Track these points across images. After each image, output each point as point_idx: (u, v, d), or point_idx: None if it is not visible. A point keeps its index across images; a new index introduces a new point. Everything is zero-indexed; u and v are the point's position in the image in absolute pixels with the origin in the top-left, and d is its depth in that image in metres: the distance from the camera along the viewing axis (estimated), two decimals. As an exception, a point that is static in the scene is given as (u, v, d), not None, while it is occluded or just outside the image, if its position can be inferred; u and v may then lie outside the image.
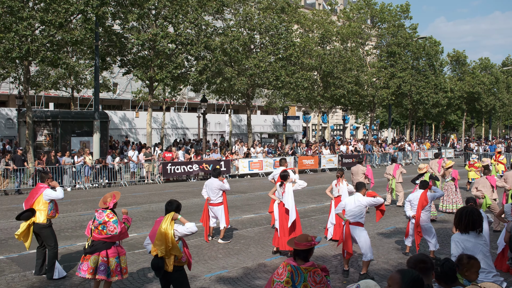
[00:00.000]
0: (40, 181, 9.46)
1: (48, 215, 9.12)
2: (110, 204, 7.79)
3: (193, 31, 27.47)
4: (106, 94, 39.33)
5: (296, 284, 5.07)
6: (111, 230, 7.59)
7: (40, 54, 21.51)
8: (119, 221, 7.74)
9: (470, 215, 5.96)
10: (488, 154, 35.65)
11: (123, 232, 7.76)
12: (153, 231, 6.80)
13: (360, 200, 9.37)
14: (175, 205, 6.95)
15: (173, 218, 6.77)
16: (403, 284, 3.45)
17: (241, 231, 13.33)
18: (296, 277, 5.10)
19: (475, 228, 5.95)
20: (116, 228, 7.61)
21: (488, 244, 6.15)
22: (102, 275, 7.61)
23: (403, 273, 3.54)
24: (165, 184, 24.66)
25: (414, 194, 10.67)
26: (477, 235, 5.96)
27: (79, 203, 18.09)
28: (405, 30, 44.58)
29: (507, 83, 62.46)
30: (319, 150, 33.73)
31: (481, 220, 6.03)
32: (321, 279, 5.14)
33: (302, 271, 5.11)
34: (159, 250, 6.61)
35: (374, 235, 12.68)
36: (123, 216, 8.04)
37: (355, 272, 9.58)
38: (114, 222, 7.65)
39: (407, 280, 3.48)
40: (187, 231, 6.70)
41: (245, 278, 9.22)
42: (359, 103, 42.56)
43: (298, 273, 5.12)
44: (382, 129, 73.51)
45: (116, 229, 7.61)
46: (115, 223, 7.63)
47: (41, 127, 26.52)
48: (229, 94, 34.88)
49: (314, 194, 20.63)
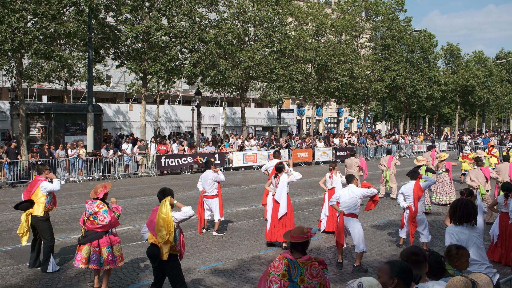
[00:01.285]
0: (37, 173, 9.52)
1: (46, 207, 9.13)
2: (100, 194, 7.91)
3: (187, 23, 27.35)
4: (99, 87, 39.15)
5: (293, 277, 5.05)
6: (101, 220, 7.78)
7: (33, 47, 21.37)
8: (109, 211, 7.89)
9: (464, 207, 5.98)
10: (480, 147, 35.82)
11: (113, 221, 7.94)
12: (151, 219, 6.79)
13: (355, 191, 9.40)
14: (167, 191, 6.89)
15: (170, 203, 6.72)
16: (392, 273, 3.49)
17: (235, 224, 13.36)
18: (293, 271, 5.08)
19: (470, 220, 5.97)
20: (106, 217, 7.78)
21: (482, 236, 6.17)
22: (94, 265, 7.81)
23: (392, 263, 3.59)
24: (159, 177, 24.63)
25: (407, 186, 10.69)
26: (471, 227, 5.99)
27: (73, 196, 18.05)
28: (400, 23, 44.57)
29: (501, 76, 62.67)
30: (313, 143, 33.77)
31: (475, 212, 6.06)
32: (318, 273, 5.12)
33: (299, 264, 5.09)
34: (160, 235, 6.56)
35: (368, 227, 12.74)
36: (112, 205, 8.14)
37: (349, 264, 9.63)
38: (104, 212, 7.82)
39: (396, 269, 3.51)
40: (184, 216, 6.69)
41: (240, 270, 9.25)
42: (353, 96, 42.58)
43: (294, 267, 5.10)
44: (376, 122, 73.66)
45: (106, 219, 7.79)
46: (105, 213, 7.81)
47: (35, 120, 26.42)
48: (223, 87, 34.82)
49: (308, 187, 20.68)
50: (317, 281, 5.07)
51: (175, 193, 18.48)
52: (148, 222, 6.85)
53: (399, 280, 3.50)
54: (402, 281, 3.52)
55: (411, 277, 3.59)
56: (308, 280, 5.04)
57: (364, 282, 3.62)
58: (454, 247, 5.07)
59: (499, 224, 9.88)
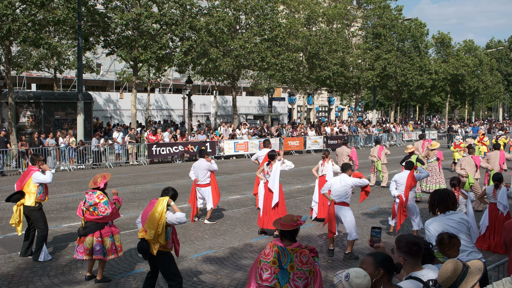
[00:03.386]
0: (31, 164, 9.45)
1: (37, 198, 9.09)
2: (100, 184, 7.85)
3: (177, 11, 27.15)
4: (89, 75, 38.88)
5: (283, 264, 5.09)
6: (102, 211, 7.74)
7: (21, 34, 21.13)
8: (109, 202, 7.84)
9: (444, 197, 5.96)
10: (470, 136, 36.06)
11: (114, 213, 7.91)
12: (146, 210, 6.74)
13: (346, 180, 9.43)
14: (171, 193, 6.85)
15: (167, 204, 6.67)
16: (376, 264, 3.53)
17: (227, 212, 13.39)
18: (283, 258, 5.12)
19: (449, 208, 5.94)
20: (107, 209, 7.73)
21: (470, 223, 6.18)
22: (98, 255, 7.80)
23: (374, 255, 3.64)
24: (150, 166, 24.58)
25: (401, 175, 10.76)
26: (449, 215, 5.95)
27: (63, 185, 17.98)
28: (391, 11, 44.54)
29: (491, 65, 62.98)
30: (305, 132, 33.82)
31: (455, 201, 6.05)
32: (308, 260, 5.15)
33: (288, 251, 5.13)
34: (149, 233, 6.52)
35: (359, 215, 12.81)
36: (113, 196, 8.10)
37: (340, 251, 9.70)
38: (105, 203, 7.76)
39: (379, 260, 3.56)
40: (175, 221, 6.60)
41: (232, 258, 9.29)
42: (345, 84, 42.62)
43: (284, 254, 5.13)
44: (367, 111, 73.85)
45: (107, 210, 7.74)
46: (105, 204, 7.75)
47: (24, 108, 26.24)
48: (214, 75, 34.69)
49: (300, 175, 20.74)
50: (307, 268, 5.11)
51: (167, 181, 18.50)
52: (143, 213, 6.80)
53: (384, 270, 3.54)
54: (387, 271, 3.56)
55: (393, 266, 3.63)
56: (298, 267, 5.08)
57: (351, 273, 3.66)
58: (446, 235, 5.10)
59: (489, 215, 9.94)
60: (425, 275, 4.02)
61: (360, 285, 3.62)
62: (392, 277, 3.69)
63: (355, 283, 3.61)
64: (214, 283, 8.00)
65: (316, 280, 5.16)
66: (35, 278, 8.22)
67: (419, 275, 4.00)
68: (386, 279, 3.53)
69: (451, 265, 3.59)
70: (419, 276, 3.98)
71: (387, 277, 3.56)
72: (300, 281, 5.07)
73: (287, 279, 5.07)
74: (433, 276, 4.04)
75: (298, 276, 5.08)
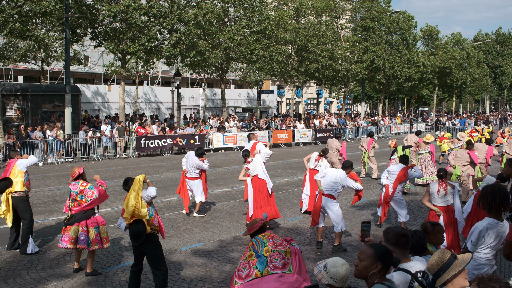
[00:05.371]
0: (9, 158, 9.62)
1: (25, 183, 9.12)
2: (80, 170, 8.00)
3: (166, 3, 26.96)
4: (77, 68, 38.53)
5: (259, 252, 5.34)
6: (89, 196, 7.86)
7: (7, 26, 20.88)
8: (94, 186, 7.97)
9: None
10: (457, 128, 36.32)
11: (102, 194, 8.02)
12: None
13: (341, 177, 9.30)
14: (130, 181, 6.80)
15: (144, 180, 6.71)
16: (376, 258, 3.54)
17: (216, 205, 13.40)
18: (257, 246, 5.40)
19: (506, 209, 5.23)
20: (94, 192, 7.88)
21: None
22: (82, 244, 7.86)
23: (376, 248, 3.64)
24: (139, 159, 24.49)
25: (395, 166, 10.81)
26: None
27: (51, 178, 17.87)
28: (379, 4, 44.61)
29: (478, 58, 63.33)
30: (293, 124, 33.86)
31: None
32: (281, 242, 5.43)
33: (261, 238, 5.46)
34: (127, 211, 6.52)
35: (347, 208, 12.89)
36: (97, 181, 8.15)
37: (328, 244, 9.76)
38: (90, 188, 7.92)
39: (380, 254, 3.57)
40: (146, 196, 6.63)
41: (221, 251, 9.31)
42: (333, 77, 42.66)
43: (258, 242, 5.44)
44: (356, 104, 74.06)
45: (95, 193, 7.88)
46: (91, 189, 7.90)
47: (11, 100, 25.97)
48: (203, 68, 34.54)
49: (289, 168, 20.78)
50: (282, 249, 5.36)
51: (156, 174, 18.47)
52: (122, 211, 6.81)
53: (382, 265, 3.57)
54: (384, 266, 3.59)
55: (392, 261, 3.66)
56: (272, 249, 5.34)
57: (329, 262, 3.73)
58: (429, 224, 5.26)
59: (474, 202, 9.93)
60: (413, 266, 4.07)
61: (337, 274, 3.69)
62: (388, 271, 3.71)
63: (332, 272, 3.69)
64: (203, 276, 8.02)
65: (296, 259, 5.41)
66: (23, 271, 8.18)
67: (407, 266, 4.04)
68: (382, 273, 3.56)
69: (438, 253, 3.65)
70: (407, 267, 4.02)
71: (383, 271, 3.58)
72: (277, 261, 5.29)
73: (266, 263, 5.28)
74: (421, 267, 4.09)
75: (275, 257, 5.31)
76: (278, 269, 5.25)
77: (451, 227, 8.56)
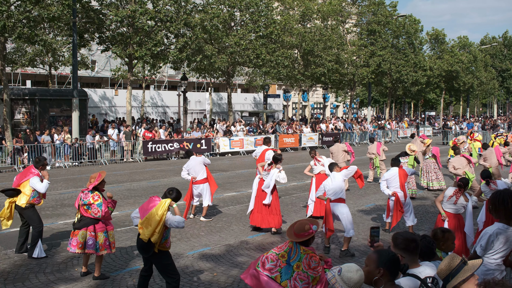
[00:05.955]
0: (34, 165, 9.33)
1: (30, 201, 9.02)
2: (90, 187, 7.86)
3: (172, 7, 27.09)
4: (84, 72, 38.69)
5: (291, 261, 5.09)
6: (95, 212, 7.81)
7: (16, 31, 21.03)
8: (104, 204, 7.84)
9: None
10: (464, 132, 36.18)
11: (106, 216, 7.91)
12: (144, 207, 6.65)
13: (336, 176, 9.54)
14: (174, 194, 6.81)
15: (170, 205, 6.60)
16: (380, 263, 3.53)
17: (223, 209, 13.41)
18: (293, 254, 5.12)
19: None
20: (99, 211, 7.78)
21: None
22: (90, 249, 7.84)
23: (380, 253, 3.63)
24: (145, 163, 24.56)
25: (389, 173, 10.73)
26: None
27: (59, 182, 17.94)
28: (385, 8, 44.56)
29: (485, 62, 63.04)
30: (300, 129, 33.84)
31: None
32: (316, 266, 5.09)
33: (300, 250, 5.13)
34: (144, 231, 6.43)
35: (355, 212, 12.86)
36: (108, 200, 8.02)
37: (336, 249, 9.74)
38: (99, 205, 7.80)
39: (383, 259, 3.56)
40: (174, 224, 6.50)
41: (228, 255, 9.31)
42: (339, 81, 42.60)
43: (296, 251, 5.13)
44: (362, 108, 73.89)
45: (100, 213, 7.79)
46: (99, 206, 7.79)
47: (19, 105, 26.14)
48: (209, 72, 34.62)
49: (295, 172, 20.76)
50: (312, 274, 5.04)
51: (162, 178, 18.46)
52: (141, 208, 6.70)
53: (386, 270, 3.55)
54: (389, 272, 3.56)
55: (398, 267, 3.64)
56: (304, 269, 5.03)
57: (344, 267, 3.72)
58: (439, 230, 5.19)
59: (486, 211, 9.89)
60: (422, 272, 4.05)
61: (351, 279, 3.67)
62: (395, 277, 3.69)
63: (346, 277, 3.67)
64: (210, 280, 8.02)
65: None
66: (31, 275, 8.22)
67: (416, 272, 4.02)
68: (387, 278, 3.54)
69: (448, 258, 3.64)
70: (416, 273, 3.99)
71: (388, 277, 3.56)
72: (300, 283, 5.02)
73: (289, 276, 5.05)
74: (430, 273, 4.07)
75: (301, 278, 5.03)
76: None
77: (457, 232, 8.54)
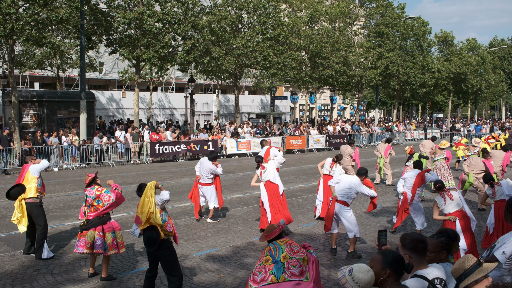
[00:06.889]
0: (24, 162, 9.74)
1: (38, 189, 9.17)
2: (91, 175, 8.13)
3: (180, 10, 27.16)
4: (92, 74, 38.92)
5: (276, 258, 5.28)
6: (106, 200, 7.92)
7: (24, 33, 21.15)
8: (110, 190, 8.02)
9: None
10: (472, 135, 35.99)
11: (119, 197, 8.06)
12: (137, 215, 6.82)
13: (355, 183, 9.23)
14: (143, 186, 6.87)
15: (156, 186, 6.74)
16: (386, 263, 3.52)
17: (229, 211, 13.40)
18: (275, 252, 5.33)
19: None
20: (110, 196, 7.93)
21: None
22: (99, 249, 7.89)
23: (384, 254, 3.62)
24: (153, 164, 24.60)
25: (410, 173, 10.70)
26: None
27: (66, 183, 18.02)
28: (393, 10, 44.47)
29: (494, 64, 62.75)
30: (307, 131, 33.79)
31: None
32: (299, 249, 5.37)
33: (279, 244, 5.39)
34: (143, 217, 6.54)
35: (362, 214, 12.82)
36: (111, 185, 8.21)
37: (342, 250, 9.70)
38: (106, 192, 7.98)
39: (388, 260, 3.54)
40: (159, 200, 6.67)
41: (234, 257, 9.30)
42: (347, 83, 42.53)
43: (275, 247, 5.37)
44: (369, 110, 73.73)
45: (112, 197, 7.93)
46: (107, 193, 7.96)
47: (27, 107, 26.28)
48: (217, 74, 34.69)
49: (302, 174, 20.73)
50: (300, 256, 5.29)
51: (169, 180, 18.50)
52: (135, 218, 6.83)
53: (391, 271, 3.53)
54: (395, 272, 3.55)
55: (403, 267, 3.62)
56: (290, 255, 5.27)
57: (355, 267, 3.69)
58: None
59: (495, 213, 9.79)
60: (430, 273, 4.01)
61: (362, 280, 3.64)
62: (401, 277, 3.68)
63: (357, 277, 3.64)
64: (217, 281, 8.01)
65: (313, 268, 5.33)
66: (39, 276, 8.25)
67: (424, 273, 3.98)
68: (393, 279, 3.52)
69: (462, 258, 3.63)
70: (424, 274, 3.96)
71: (394, 277, 3.54)
72: (295, 268, 5.22)
73: (283, 270, 5.22)
74: (438, 274, 4.03)
75: (293, 264, 5.24)
76: (296, 276, 5.18)
77: (468, 231, 8.56)
